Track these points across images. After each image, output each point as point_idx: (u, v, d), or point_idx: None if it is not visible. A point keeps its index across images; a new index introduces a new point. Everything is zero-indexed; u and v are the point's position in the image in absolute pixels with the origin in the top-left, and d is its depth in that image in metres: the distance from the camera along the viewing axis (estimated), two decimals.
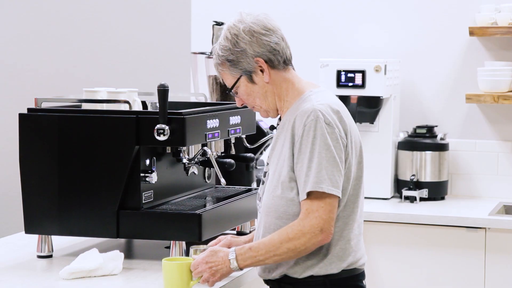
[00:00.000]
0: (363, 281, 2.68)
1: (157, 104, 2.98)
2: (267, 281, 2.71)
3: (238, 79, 2.66)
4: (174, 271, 2.65)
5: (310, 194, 2.51)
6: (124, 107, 3.12)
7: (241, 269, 2.60)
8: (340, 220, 2.59)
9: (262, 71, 2.64)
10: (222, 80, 2.73)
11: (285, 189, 2.57)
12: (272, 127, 2.75)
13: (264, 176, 2.71)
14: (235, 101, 2.76)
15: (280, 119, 2.71)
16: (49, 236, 3.13)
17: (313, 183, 2.50)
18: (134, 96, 3.27)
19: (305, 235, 2.51)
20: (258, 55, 2.62)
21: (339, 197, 2.54)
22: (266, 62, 2.63)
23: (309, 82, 2.71)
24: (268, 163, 2.70)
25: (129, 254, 3.24)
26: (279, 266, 2.62)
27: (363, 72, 4.61)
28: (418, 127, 4.78)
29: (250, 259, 2.57)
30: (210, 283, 2.63)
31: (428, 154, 4.70)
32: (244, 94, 2.68)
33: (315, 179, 2.50)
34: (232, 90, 2.69)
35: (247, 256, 2.57)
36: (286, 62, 2.67)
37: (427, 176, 4.69)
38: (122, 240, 3.39)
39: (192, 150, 3.23)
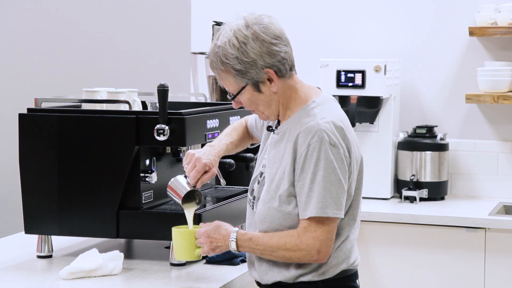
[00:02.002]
0: (356, 281, 2.67)
1: (157, 104, 2.98)
2: (259, 284, 2.71)
3: (243, 87, 2.58)
4: (182, 237, 2.72)
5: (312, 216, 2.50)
6: (124, 107, 3.12)
7: (238, 251, 2.63)
8: (336, 234, 2.56)
9: (269, 80, 2.56)
10: (222, 84, 2.65)
11: (283, 202, 2.55)
12: (270, 128, 2.70)
13: (260, 176, 2.68)
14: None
15: (278, 122, 2.67)
16: (49, 236, 3.13)
17: (317, 208, 2.48)
18: (134, 96, 3.27)
19: (301, 251, 2.51)
20: (269, 66, 2.54)
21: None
22: (275, 72, 2.56)
23: (310, 86, 2.66)
24: (264, 165, 2.66)
25: (129, 254, 3.25)
26: (271, 273, 2.61)
27: (363, 72, 4.61)
28: (418, 127, 4.78)
29: (247, 248, 2.60)
30: (209, 254, 2.69)
31: (428, 154, 4.70)
32: (247, 101, 2.61)
33: (319, 204, 2.47)
34: (236, 98, 2.62)
35: (246, 244, 2.59)
36: (291, 69, 2.60)
37: (427, 176, 4.69)
38: (122, 240, 3.39)
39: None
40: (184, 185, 2.81)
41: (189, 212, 2.82)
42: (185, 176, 2.81)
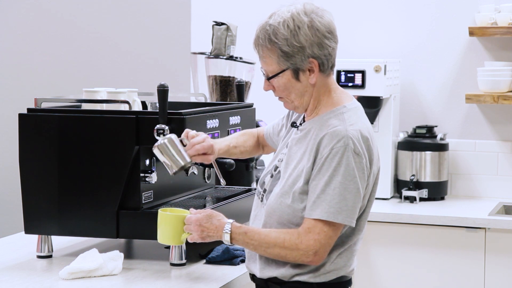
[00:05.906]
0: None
1: (157, 104, 2.98)
2: (253, 278, 2.70)
3: (283, 70, 2.56)
4: (169, 222, 2.71)
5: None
6: (124, 107, 3.12)
7: (231, 244, 2.62)
8: (340, 241, 2.57)
9: (310, 70, 2.56)
10: (261, 62, 2.60)
11: (296, 200, 2.54)
12: (294, 125, 2.68)
13: (275, 170, 2.66)
14: (234, 101, 2.72)
15: (303, 119, 2.66)
16: (49, 236, 3.13)
17: (329, 213, 2.47)
18: (134, 96, 3.27)
19: (298, 251, 2.50)
20: (315, 57, 2.54)
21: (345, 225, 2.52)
22: (319, 65, 2.55)
23: (343, 91, 2.66)
24: (281, 159, 2.65)
25: (129, 254, 3.25)
26: (269, 268, 2.61)
27: (363, 72, 4.61)
28: (418, 127, 4.78)
29: (241, 241, 2.59)
30: (197, 241, 2.68)
31: (428, 154, 4.70)
32: (281, 85, 2.58)
33: (331, 209, 2.46)
34: (271, 80, 2.59)
35: (240, 238, 2.59)
36: (332, 68, 2.61)
37: (427, 176, 4.70)
38: (122, 240, 3.39)
39: None
40: (183, 154, 2.82)
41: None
42: (181, 142, 2.82)
